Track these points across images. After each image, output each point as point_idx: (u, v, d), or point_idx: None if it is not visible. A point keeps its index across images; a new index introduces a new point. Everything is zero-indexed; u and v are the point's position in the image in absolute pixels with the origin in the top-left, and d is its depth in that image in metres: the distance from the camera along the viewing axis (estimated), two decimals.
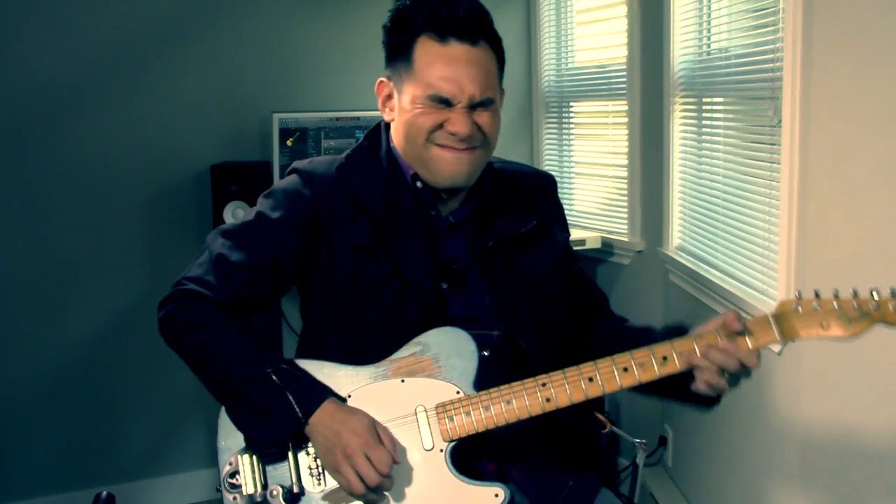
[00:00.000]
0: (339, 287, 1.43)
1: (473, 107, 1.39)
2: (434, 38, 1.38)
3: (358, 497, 1.30)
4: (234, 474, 1.36)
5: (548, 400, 1.32)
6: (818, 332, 1.30)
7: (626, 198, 3.02)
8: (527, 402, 1.33)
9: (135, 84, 2.99)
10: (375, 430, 1.30)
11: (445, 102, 1.38)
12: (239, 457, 1.36)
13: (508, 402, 1.33)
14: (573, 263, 1.59)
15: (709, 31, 2.50)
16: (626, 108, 2.96)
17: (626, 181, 3.00)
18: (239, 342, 1.38)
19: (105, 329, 3.03)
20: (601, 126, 3.22)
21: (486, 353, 1.39)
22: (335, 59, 3.18)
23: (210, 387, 1.40)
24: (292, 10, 3.14)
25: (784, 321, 1.30)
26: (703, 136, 2.53)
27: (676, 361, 1.31)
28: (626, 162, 2.99)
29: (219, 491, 1.37)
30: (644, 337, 1.42)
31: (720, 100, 2.46)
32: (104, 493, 1.50)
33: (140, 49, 2.98)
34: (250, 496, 1.34)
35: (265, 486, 1.35)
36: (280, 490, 1.32)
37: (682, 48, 2.62)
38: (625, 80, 2.93)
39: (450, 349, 1.37)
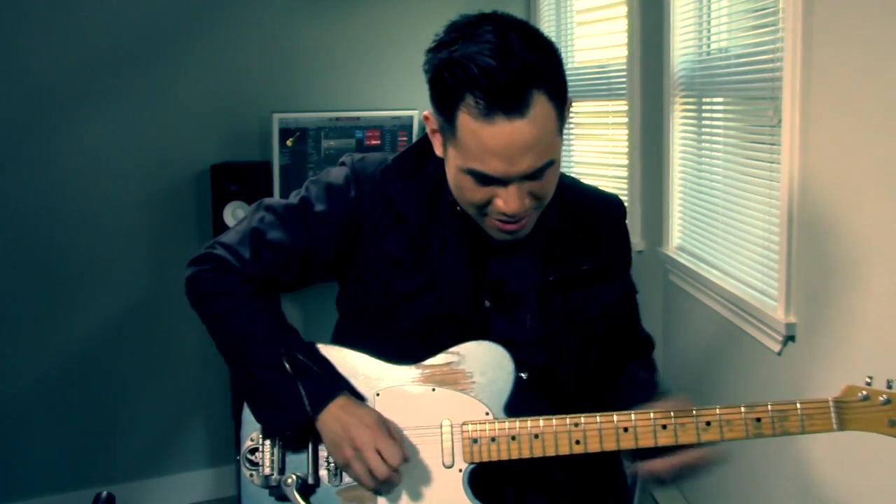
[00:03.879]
0: (371, 292, 1.40)
1: (528, 177, 1.24)
2: (477, 112, 1.17)
3: (368, 490, 1.29)
4: (254, 451, 1.36)
5: (577, 442, 1.27)
6: (881, 430, 1.19)
7: (626, 198, 3.01)
8: (556, 441, 1.28)
9: (135, 84, 2.99)
10: (385, 425, 1.29)
11: (495, 181, 1.24)
12: (261, 435, 1.36)
13: (536, 437, 1.28)
14: (630, 300, 1.52)
15: (709, 31, 2.49)
16: (626, 108, 2.95)
17: (626, 181, 3.00)
18: (259, 320, 1.36)
19: (105, 329, 3.03)
20: (601, 126, 3.22)
21: (523, 376, 1.34)
22: (335, 59, 3.18)
23: (225, 359, 1.39)
24: (292, 10, 3.14)
25: (846, 410, 1.21)
26: (703, 136, 2.53)
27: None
28: (626, 162, 2.99)
29: (237, 461, 1.37)
30: (636, 397, 1.37)
31: (720, 100, 2.46)
32: (104, 493, 1.50)
33: (140, 49, 2.98)
34: (266, 477, 1.34)
35: (282, 472, 1.34)
36: (294, 479, 1.32)
37: (682, 48, 2.62)
38: (625, 80, 2.93)
39: (486, 365, 1.32)
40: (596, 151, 3.25)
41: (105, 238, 3.00)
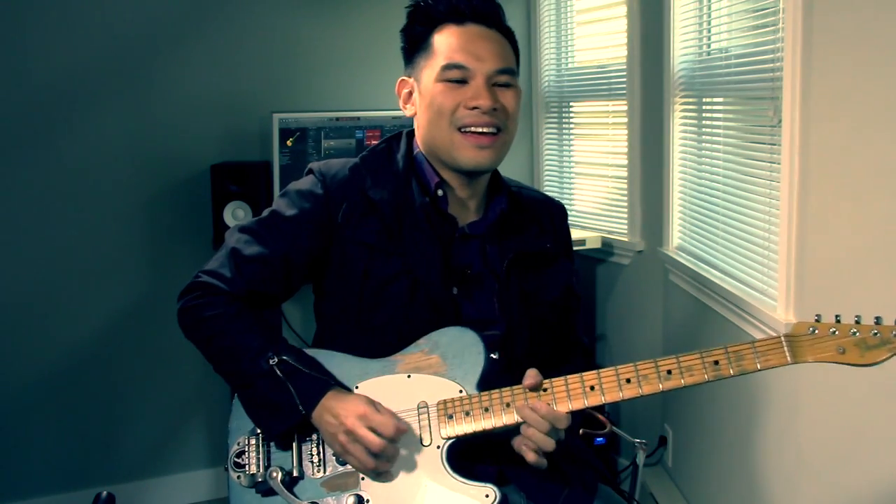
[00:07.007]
0: (350, 283, 1.46)
1: (494, 85, 1.45)
2: (453, 24, 1.48)
3: (368, 472, 1.33)
4: (240, 454, 1.41)
5: (547, 405, 1.33)
6: (833, 357, 1.25)
7: (626, 198, 3.02)
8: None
9: (135, 84, 2.99)
10: (374, 405, 1.33)
11: (464, 74, 1.44)
12: (247, 438, 1.41)
13: (508, 405, 1.34)
14: (574, 296, 1.62)
15: (709, 31, 2.50)
16: (626, 108, 2.95)
17: (626, 181, 3.00)
18: (248, 335, 1.41)
19: (105, 329, 3.03)
20: (601, 126, 3.22)
21: (494, 356, 1.40)
22: (335, 59, 3.18)
23: (223, 377, 1.44)
24: (292, 10, 3.14)
25: (797, 343, 1.28)
26: (703, 136, 2.53)
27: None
28: (626, 162, 2.99)
29: (226, 470, 1.42)
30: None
31: (720, 100, 2.46)
32: (104, 493, 1.51)
33: (140, 49, 2.98)
34: (252, 475, 1.39)
35: (267, 468, 1.39)
36: (279, 472, 1.36)
37: (682, 48, 2.62)
38: (625, 80, 2.93)
39: (457, 348, 1.39)
40: (596, 151, 3.25)
41: (105, 238, 3.00)
